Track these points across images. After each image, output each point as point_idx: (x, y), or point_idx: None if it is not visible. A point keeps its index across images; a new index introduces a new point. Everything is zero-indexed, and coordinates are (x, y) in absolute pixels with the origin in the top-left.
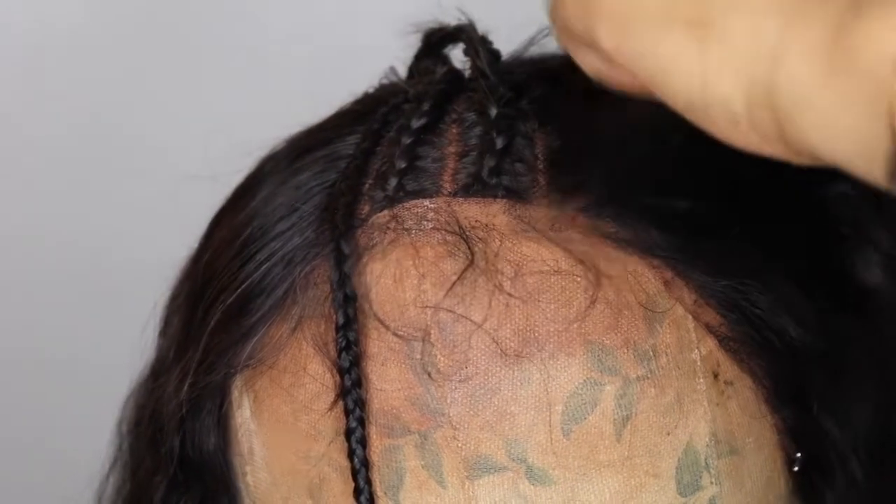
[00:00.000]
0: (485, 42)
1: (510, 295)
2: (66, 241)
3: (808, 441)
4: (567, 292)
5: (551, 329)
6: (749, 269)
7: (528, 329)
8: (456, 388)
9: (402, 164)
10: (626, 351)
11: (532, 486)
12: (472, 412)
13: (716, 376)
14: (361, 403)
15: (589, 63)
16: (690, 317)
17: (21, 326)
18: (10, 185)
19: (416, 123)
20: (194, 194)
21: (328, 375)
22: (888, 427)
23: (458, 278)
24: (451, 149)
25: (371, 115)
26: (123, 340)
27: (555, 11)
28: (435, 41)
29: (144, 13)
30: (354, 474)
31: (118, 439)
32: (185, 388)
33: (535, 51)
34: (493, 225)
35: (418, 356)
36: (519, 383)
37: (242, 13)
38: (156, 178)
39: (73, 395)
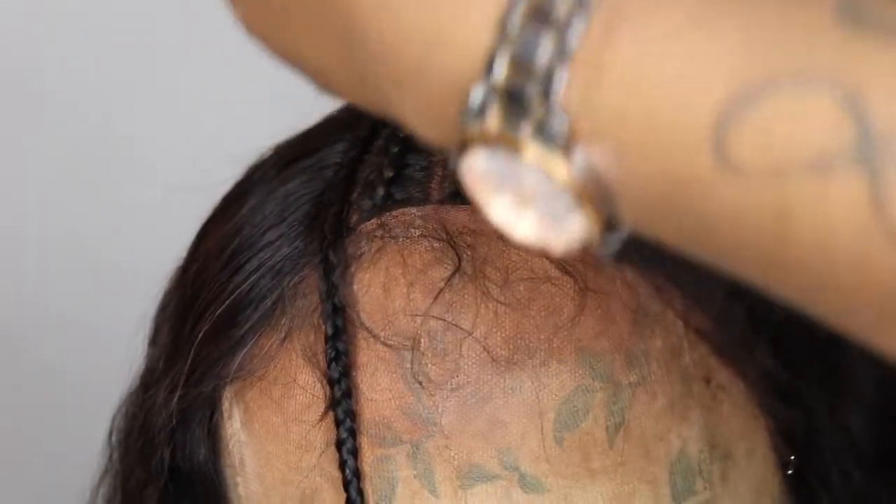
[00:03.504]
0: None
1: (499, 302)
2: (54, 250)
3: (803, 443)
4: (557, 299)
5: (542, 336)
6: None
7: (519, 336)
8: (447, 396)
9: (389, 173)
10: (617, 357)
11: (525, 494)
12: (464, 421)
13: (708, 381)
14: (352, 414)
15: None
16: (681, 322)
17: (9, 334)
18: None
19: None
20: (182, 203)
21: (318, 386)
22: (883, 428)
23: (445, 285)
24: (439, 156)
25: (358, 122)
26: (113, 348)
27: None
28: None
29: (132, 22)
30: (346, 485)
31: (108, 450)
32: (175, 399)
33: None
34: (481, 231)
35: (409, 365)
36: (510, 391)
37: (230, 21)
38: (144, 188)
39: (63, 404)
